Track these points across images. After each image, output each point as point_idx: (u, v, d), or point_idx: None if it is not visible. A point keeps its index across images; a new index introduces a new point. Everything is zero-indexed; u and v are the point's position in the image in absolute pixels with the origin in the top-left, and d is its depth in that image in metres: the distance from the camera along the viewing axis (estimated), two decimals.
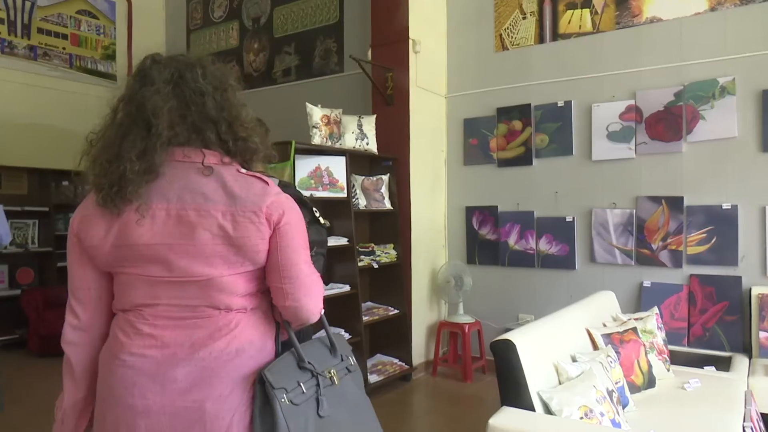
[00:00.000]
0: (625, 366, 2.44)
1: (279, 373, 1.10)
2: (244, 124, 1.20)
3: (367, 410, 1.26)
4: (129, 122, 1.14)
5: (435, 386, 4.23)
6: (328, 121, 3.85)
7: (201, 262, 1.10)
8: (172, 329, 1.10)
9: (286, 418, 1.06)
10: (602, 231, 4.05)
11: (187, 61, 1.19)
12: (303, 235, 1.19)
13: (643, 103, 3.91)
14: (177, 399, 1.08)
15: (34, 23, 5.83)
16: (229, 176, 1.14)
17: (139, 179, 1.09)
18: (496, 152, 4.54)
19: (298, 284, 1.15)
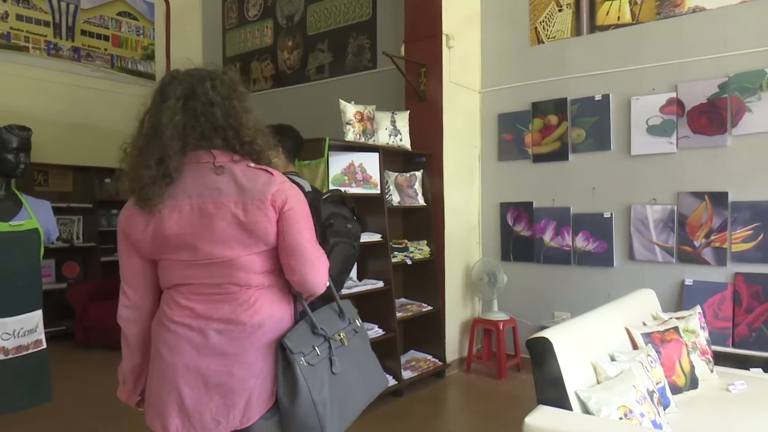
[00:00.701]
0: (666, 366, 2.38)
1: (296, 340, 1.31)
2: (249, 129, 1.36)
3: (372, 363, 1.50)
4: (150, 134, 1.33)
5: (469, 383, 4.20)
6: (361, 117, 3.86)
7: (221, 246, 1.30)
8: (203, 303, 1.32)
9: (305, 376, 1.28)
10: (642, 227, 3.95)
11: (199, 75, 1.36)
12: (306, 217, 1.36)
13: (685, 95, 3.78)
14: (211, 362, 1.29)
15: (78, 25, 6.03)
16: (239, 171, 1.33)
17: (159, 183, 1.29)
18: (531, 147, 4.47)
19: (304, 261, 1.33)
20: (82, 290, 5.16)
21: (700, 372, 2.56)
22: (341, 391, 1.35)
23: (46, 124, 5.47)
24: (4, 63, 5.44)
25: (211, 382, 1.29)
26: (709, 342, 2.78)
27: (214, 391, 1.29)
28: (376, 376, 1.51)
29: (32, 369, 2.38)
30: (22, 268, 2.35)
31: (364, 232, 3.80)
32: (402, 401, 3.70)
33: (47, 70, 5.75)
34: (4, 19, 5.47)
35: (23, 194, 2.48)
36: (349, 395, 1.37)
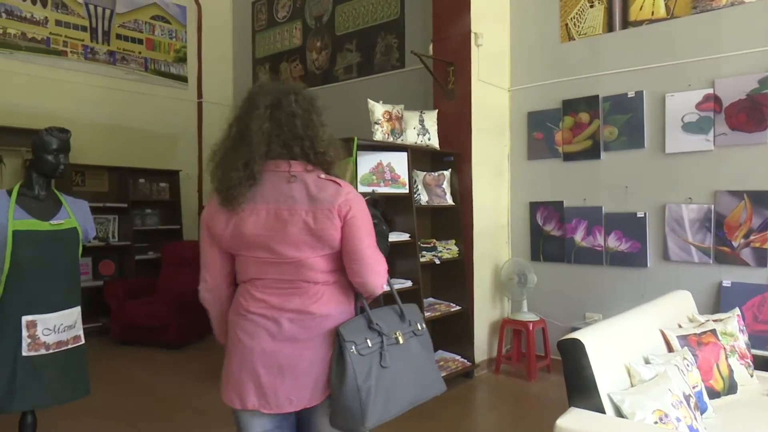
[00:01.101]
0: (703, 370, 2.31)
1: (351, 331, 1.46)
2: (323, 140, 1.53)
3: (428, 366, 1.59)
4: (238, 138, 1.50)
5: (498, 384, 4.17)
6: (389, 117, 3.86)
7: (292, 248, 1.47)
8: (276, 296, 1.50)
9: (353, 364, 1.42)
10: (677, 227, 3.85)
11: (285, 89, 1.53)
12: (367, 224, 1.51)
13: (723, 91, 3.67)
14: (284, 347, 1.47)
15: (113, 30, 6.19)
16: (310, 181, 1.49)
17: (244, 184, 1.47)
18: (562, 146, 4.41)
19: (364, 264, 1.48)
20: (118, 288, 5.30)
21: (739, 376, 2.48)
22: (389, 384, 1.46)
23: (83, 126, 5.64)
24: (44, 67, 5.62)
25: (284, 364, 1.46)
26: (749, 345, 2.69)
27: (287, 372, 1.46)
28: (432, 379, 1.59)
29: (72, 364, 2.45)
30: (62, 266, 2.42)
31: (393, 231, 3.80)
32: (430, 401, 3.67)
33: (84, 74, 5.92)
34: (44, 25, 5.65)
35: (62, 194, 2.56)
36: (397, 389, 1.48)
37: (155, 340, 5.11)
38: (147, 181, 6.29)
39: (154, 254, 6.10)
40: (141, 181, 6.21)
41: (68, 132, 2.48)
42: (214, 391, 3.95)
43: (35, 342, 2.32)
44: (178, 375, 4.33)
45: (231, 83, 7.19)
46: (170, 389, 3.99)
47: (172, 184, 6.48)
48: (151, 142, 6.41)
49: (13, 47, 5.43)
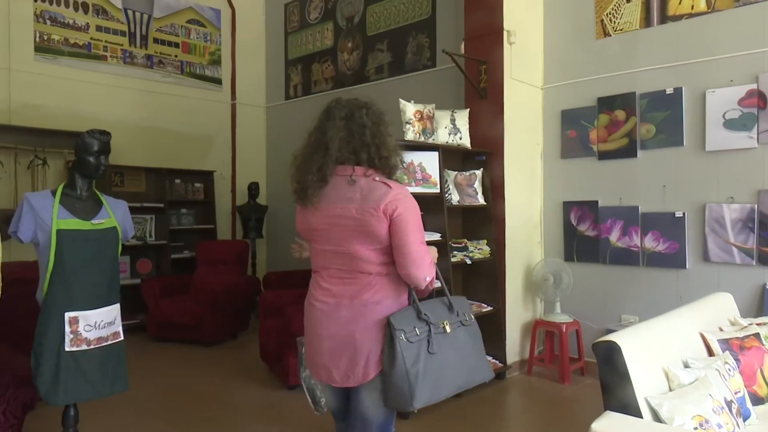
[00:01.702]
0: (746, 375, 2.24)
1: (400, 319, 1.65)
2: (389, 148, 1.77)
3: (476, 353, 1.76)
4: (316, 145, 1.76)
5: (530, 386, 4.11)
6: (421, 116, 3.86)
7: (348, 242, 1.71)
8: (338, 285, 1.74)
9: (402, 349, 1.61)
10: (717, 227, 3.73)
11: (358, 104, 1.79)
12: (413, 223, 1.68)
13: (767, 87, 3.54)
14: (340, 329, 1.71)
15: (151, 34, 6.35)
16: (364, 184, 1.72)
17: (317, 185, 1.74)
18: (597, 144, 4.32)
19: (409, 259, 1.67)
20: (155, 286, 5.43)
21: None
22: (437, 369, 1.64)
23: (121, 128, 5.80)
24: (85, 72, 5.81)
25: (341, 345, 1.71)
26: None
27: (344, 352, 1.71)
28: (479, 366, 1.76)
29: (111, 359, 2.53)
30: (103, 264, 2.50)
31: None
32: (462, 402, 3.67)
33: (123, 77, 6.09)
34: (85, 31, 5.84)
35: (103, 194, 2.64)
36: (445, 374, 1.66)
37: (190, 338, 5.22)
38: (182, 181, 6.43)
39: (189, 253, 6.24)
40: (177, 182, 6.36)
41: (108, 134, 2.56)
42: (246, 387, 4.02)
43: (77, 338, 2.40)
44: (211, 372, 4.41)
45: (264, 85, 7.29)
46: (203, 386, 4.07)
47: (207, 184, 6.61)
48: (187, 143, 6.55)
49: (56, 53, 5.62)
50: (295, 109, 6.84)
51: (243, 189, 6.86)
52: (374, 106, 1.81)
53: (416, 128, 3.83)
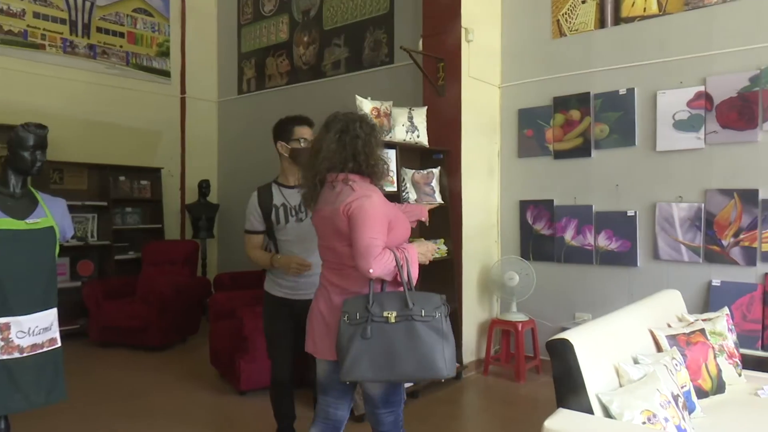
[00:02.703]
0: (692, 369, 2.35)
1: (349, 304, 1.93)
2: (375, 157, 2.05)
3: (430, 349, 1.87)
4: (314, 155, 2.07)
5: (486, 385, 4.19)
6: (378, 113, 3.86)
7: (329, 238, 2.04)
8: (331, 274, 2.08)
9: (341, 329, 1.91)
10: (667, 226, 3.90)
11: (353, 117, 2.06)
12: (362, 219, 1.90)
13: (714, 89, 3.72)
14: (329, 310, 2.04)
15: (94, 22, 6.13)
16: (340, 189, 2.01)
17: (314, 192, 2.09)
18: (553, 144, 4.44)
19: (355, 251, 1.91)
20: (97, 289, 5.25)
21: (727, 376, 2.52)
22: (371, 352, 1.87)
23: (61, 122, 5.58)
24: (21, 61, 5.55)
25: (326, 323, 2.04)
26: (737, 345, 2.73)
27: (329, 329, 2.01)
28: (432, 361, 1.88)
29: (47, 367, 2.42)
30: (38, 266, 2.39)
31: None
32: (419, 403, 3.70)
33: (63, 68, 5.86)
34: (21, 17, 5.59)
35: (39, 192, 2.53)
36: (384, 358, 1.87)
37: (136, 342, 5.07)
38: (128, 178, 6.24)
39: (135, 254, 6.06)
40: (121, 179, 6.16)
41: (46, 128, 2.46)
42: (196, 394, 3.93)
43: (8, 345, 2.30)
44: (158, 378, 4.30)
45: (215, 78, 7.15)
46: (150, 393, 3.96)
47: (154, 181, 6.43)
48: (133, 138, 6.36)
49: None
50: (248, 104, 6.74)
51: (193, 187, 6.71)
52: (368, 119, 2.09)
53: None
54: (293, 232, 2.63)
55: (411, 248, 2.02)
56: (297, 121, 2.70)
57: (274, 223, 2.62)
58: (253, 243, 2.67)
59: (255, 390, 3.78)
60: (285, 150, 2.66)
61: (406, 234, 2.10)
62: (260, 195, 2.65)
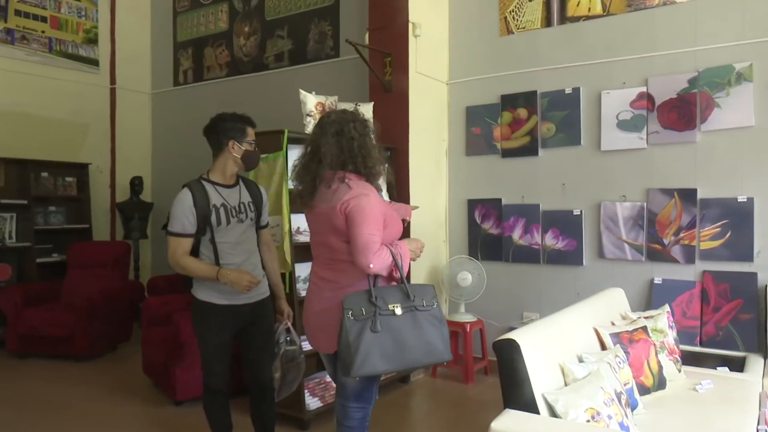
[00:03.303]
0: (634, 367, 2.45)
1: (351, 301, 2.04)
2: (373, 158, 2.19)
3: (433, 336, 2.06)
4: (311, 156, 2.21)
5: (435, 388, 4.24)
6: (323, 108, 3.84)
7: (324, 234, 2.18)
8: (323, 269, 2.22)
9: (346, 326, 2.00)
10: (611, 225, 4.06)
11: (347, 117, 2.19)
12: (360, 216, 2.04)
13: (656, 90, 3.90)
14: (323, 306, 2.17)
15: (12, 5, 5.80)
16: (336, 187, 2.15)
17: (311, 191, 2.21)
18: (500, 142, 4.54)
19: (354, 248, 2.05)
20: (16, 294, 4.98)
21: (668, 372, 2.65)
22: (383, 345, 1.99)
23: None
24: None
25: (324, 319, 2.16)
26: (677, 341, 2.88)
27: (325, 325, 2.15)
28: (435, 346, 2.06)
29: None
30: None
31: None
32: None
33: None
34: None
35: None
36: (396, 349, 2.01)
37: (60, 352, 4.84)
38: (51, 175, 5.93)
39: (59, 256, 5.78)
40: (44, 175, 5.85)
41: None
42: (128, 405, 3.80)
43: None
44: (87, 390, 4.12)
45: (149, 69, 6.91)
46: (78, 403, 3.79)
47: (81, 178, 6.15)
48: (57, 131, 6.06)
49: None
50: (185, 97, 6.56)
51: (124, 184, 6.47)
52: (360, 118, 2.21)
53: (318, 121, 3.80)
54: (234, 233, 2.56)
55: (403, 245, 2.20)
56: (249, 121, 2.65)
57: (214, 225, 2.51)
58: (185, 248, 2.49)
59: (192, 400, 3.68)
60: (238, 151, 2.56)
61: (398, 231, 2.26)
62: (194, 194, 2.49)
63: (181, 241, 2.49)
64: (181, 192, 2.52)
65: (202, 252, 2.55)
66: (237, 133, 2.58)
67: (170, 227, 2.50)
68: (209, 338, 2.58)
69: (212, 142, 2.61)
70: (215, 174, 2.61)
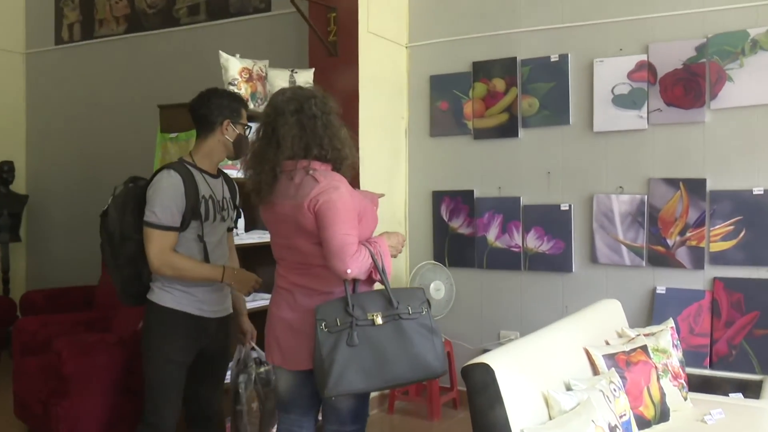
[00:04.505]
0: (632, 395, 2.52)
1: (324, 310, 2.16)
2: (341, 139, 2.31)
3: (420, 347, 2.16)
4: (266, 141, 2.29)
5: (392, 426, 4.27)
6: (249, 76, 3.80)
7: (291, 237, 2.29)
8: (293, 274, 2.34)
9: (319, 339, 2.12)
10: (606, 223, 4.16)
11: (305, 94, 2.32)
12: (332, 215, 2.15)
13: (658, 58, 4.02)
14: (296, 315, 2.30)
15: None
16: (299, 179, 2.25)
17: (270, 183, 2.28)
18: (473, 120, 4.59)
19: (328, 251, 2.16)
20: None
21: (671, 400, 2.74)
22: (362, 359, 2.10)
23: None
24: None
25: (296, 329, 2.29)
26: (683, 363, 2.98)
27: (299, 336, 2.27)
28: (425, 361, 2.15)
29: None
30: None
31: (252, 230, 3.75)
32: None
33: None
34: None
35: None
36: (374, 364, 2.11)
37: None
38: None
39: None
40: None
41: None
42: None
43: None
44: None
45: (22, 22, 6.67)
46: None
47: None
48: None
49: None
50: (72, 59, 6.34)
51: None
52: (321, 94, 2.32)
53: (244, 91, 3.77)
54: (218, 232, 2.70)
55: (381, 241, 2.33)
56: (245, 103, 2.83)
57: (203, 220, 2.60)
58: (172, 243, 2.52)
59: None
60: (231, 133, 2.69)
61: (374, 225, 2.43)
62: (185, 180, 2.54)
63: (170, 235, 2.51)
64: (163, 174, 2.55)
65: (178, 253, 2.55)
66: (234, 114, 2.70)
67: (155, 218, 2.48)
68: (172, 358, 2.58)
69: (201, 120, 2.69)
70: (201, 159, 2.68)
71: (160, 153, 3.60)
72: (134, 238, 2.54)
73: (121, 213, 2.57)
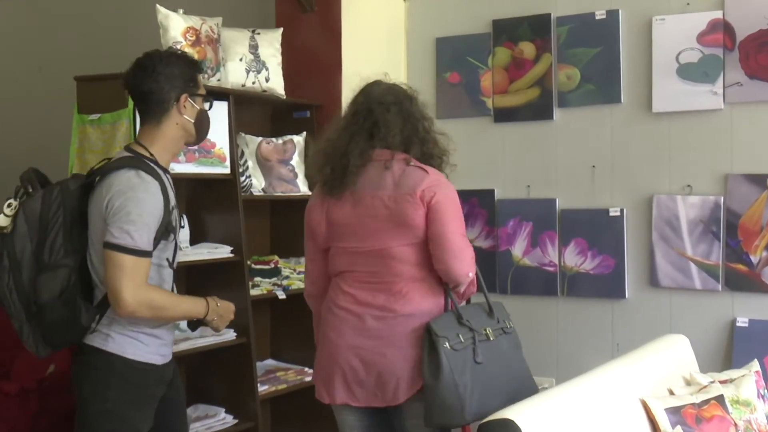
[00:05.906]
0: None
1: (442, 326, 2.45)
2: (440, 147, 2.73)
3: (520, 365, 2.68)
4: (358, 129, 2.61)
5: None
6: (196, 38, 3.80)
7: (379, 237, 2.55)
8: (363, 290, 2.57)
9: (448, 359, 2.37)
10: (669, 233, 4.15)
11: (403, 93, 2.73)
12: (453, 210, 2.57)
13: (737, 16, 4.01)
14: (369, 342, 2.55)
15: None
16: (398, 168, 2.57)
17: (356, 170, 2.56)
18: (493, 97, 4.60)
19: (447, 250, 2.49)
20: None
21: None
22: (484, 380, 2.43)
23: None
24: None
25: (367, 360, 2.53)
26: None
27: (370, 368, 2.52)
28: (524, 378, 2.63)
29: None
30: None
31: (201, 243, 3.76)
32: None
33: None
34: None
35: None
36: (493, 384, 2.45)
37: None
38: None
39: None
40: None
41: None
42: None
43: None
44: None
45: None
46: None
47: None
48: None
49: None
50: None
51: None
52: (418, 99, 2.77)
53: None
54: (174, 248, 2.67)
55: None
56: (197, 65, 2.77)
57: (176, 238, 2.62)
58: (147, 274, 2.41)
59: None
60: (191, 112, 2.60)
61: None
62: (162, 188, 2.46)
63: (145, 263, 2.39)
64: (133, 178, 2.40)
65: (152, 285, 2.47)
66: (188, 83, 2.59)
67: (130, 241, 2.33)
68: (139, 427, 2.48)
69: (147, 99, 2.56)
70: (159, 151, 2.57)
71: (77, 140, 3.58)
72: (68, 266, 2.39)
73: (48, 230, 2.39)
